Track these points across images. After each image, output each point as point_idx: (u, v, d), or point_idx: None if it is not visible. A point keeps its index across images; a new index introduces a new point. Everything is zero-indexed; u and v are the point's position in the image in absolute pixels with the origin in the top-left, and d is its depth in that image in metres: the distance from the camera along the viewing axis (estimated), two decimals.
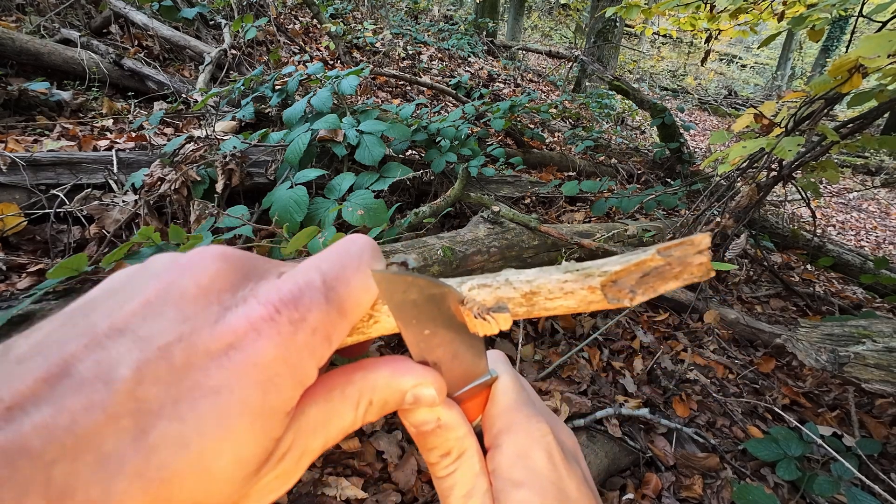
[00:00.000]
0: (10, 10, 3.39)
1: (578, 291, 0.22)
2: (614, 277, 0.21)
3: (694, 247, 0.21)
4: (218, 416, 0.18)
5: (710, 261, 0.21)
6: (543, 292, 0.23)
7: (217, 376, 0.18)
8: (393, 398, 0.25)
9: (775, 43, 14.18)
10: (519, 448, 0.28)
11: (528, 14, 13.76)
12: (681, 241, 0.21)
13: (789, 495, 1.38)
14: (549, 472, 0.27)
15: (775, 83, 15.20)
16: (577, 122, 5.41)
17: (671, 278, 0.21)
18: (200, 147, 1.94)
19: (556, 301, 0.23)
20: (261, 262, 0.24)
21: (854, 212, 6.62)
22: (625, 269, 0.21)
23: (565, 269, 0.23)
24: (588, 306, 0.22)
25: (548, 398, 1.58)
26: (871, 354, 1.22)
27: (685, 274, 0.21)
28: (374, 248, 0.25)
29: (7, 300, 0.81)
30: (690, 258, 0.21)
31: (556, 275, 0.22)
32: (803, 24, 2.02)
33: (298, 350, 0.20)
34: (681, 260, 0.21)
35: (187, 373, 0.18)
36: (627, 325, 2.05)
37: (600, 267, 0.22)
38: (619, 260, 0.22)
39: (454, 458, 0.28)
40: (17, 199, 1.69)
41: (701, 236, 0.21)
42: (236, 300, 0.20)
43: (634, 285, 0.21)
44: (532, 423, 0.29)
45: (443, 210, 1.83)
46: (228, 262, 0.22)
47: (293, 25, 4.96)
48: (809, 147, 1.97)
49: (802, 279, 2.88)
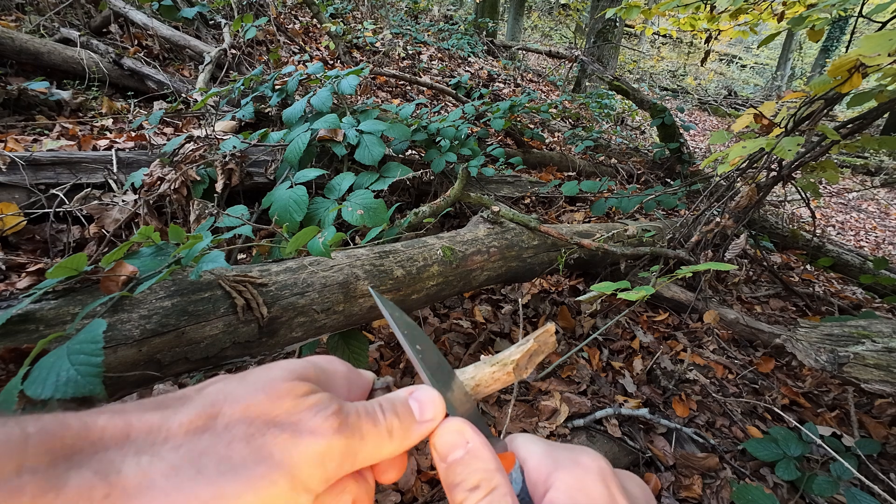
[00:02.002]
0: (10, 9, 3.38)
1: (501, 377, 0.35)
2: (517, 363, 0.35)
3: (549, 333, 0.37)
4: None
5: (556, 340, 0.38)
6: (483, 383, 0.35)
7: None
8: (398, 398, 0.31)
9: (775, 43, 14.20)
10: (573, 482, 0.27)
11: (528, 14, 13.76)
12: (543, 331, 0.37)
13: (788, 495, 1.38)
14: (608, 499, 0.27)
15: (775, 83, 15.20)
16: (577, 122, 5.41)
17: (540, 354, 0.37)
18: (200, 147, 1.94)
19: (492, 386, 0.35)
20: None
21: (853, 212, 6.62)
22: (522, 357, 0.36)
23: (490, 363, 0.36)
24: (506, 383, 0.35)
25: (548, 398, 1.58)
26: (871, 355, 1.22)
27: (547, 349, 0.37)
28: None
29: (6, 300, 0.81)
30: (549, 340, 0.37)
31: (487, 369, 0.35)
32: (803, 25, 2.02)
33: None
34: (545, 343, 0.37)
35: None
36: (627, 326, 2.06)
37: (508, 357, 0.36)
38: (515, 350, 0.36)
39: (484, 493, 0.27)
40: (17, 198, 1.69)
41: (550, 326, 0.38)
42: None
43: (526, 363, 0.36)
44: (579, 457, 0.29)
45: (442, 210, 1.83)
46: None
47: (293, 25, 4.96)
48: (809, 147, 1.97)
49: (802, 279, 2.88)
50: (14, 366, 0.71)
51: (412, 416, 0.30)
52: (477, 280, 1.56)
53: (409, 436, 0.29)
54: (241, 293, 0.96)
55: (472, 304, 2.04)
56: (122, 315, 0.83)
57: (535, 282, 2.23)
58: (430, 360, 0.35)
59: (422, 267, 1.35)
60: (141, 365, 0.84)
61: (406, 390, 0.32)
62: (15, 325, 0.75)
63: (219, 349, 0.94)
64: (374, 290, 0.40)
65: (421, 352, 0.35)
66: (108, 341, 0.79)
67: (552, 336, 0.38)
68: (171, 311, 0.88)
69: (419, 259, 1.36)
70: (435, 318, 1.92)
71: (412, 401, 0.31)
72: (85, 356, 0.67)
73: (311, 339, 1.13)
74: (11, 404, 0.63)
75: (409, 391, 0.31)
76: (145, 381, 0.87)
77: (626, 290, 1.22)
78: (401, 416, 0.30)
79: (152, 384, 0.92)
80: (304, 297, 1.07)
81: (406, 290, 1.30)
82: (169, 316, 0.87)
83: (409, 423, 0.30)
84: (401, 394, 0.31)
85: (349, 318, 1.17)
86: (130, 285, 0.86)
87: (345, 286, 1.14)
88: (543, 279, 2.27)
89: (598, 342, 1.94)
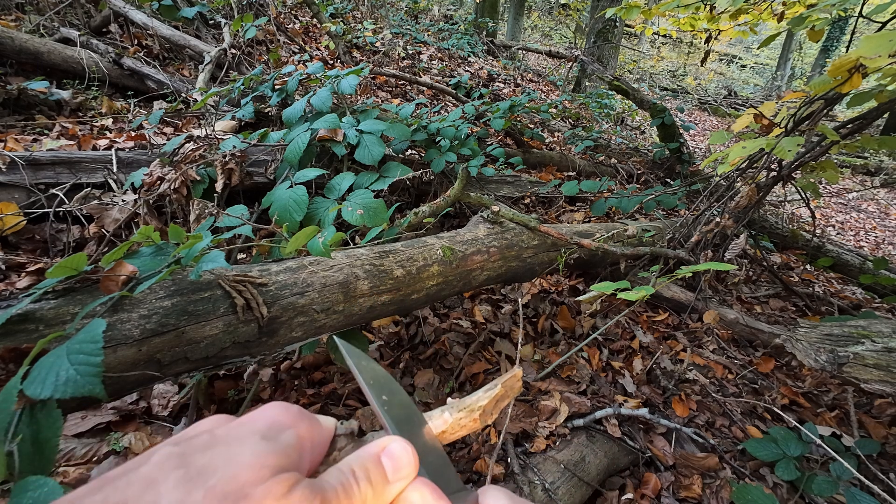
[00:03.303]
0: (10, 8, 3.38)
1: (468, 423, 0.35)
2: (484, 408, 0.36)
3: (516, 378, 0.38)
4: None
5: (521, 384, 0.39)
6: (449, 430, 0.35)
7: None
8: (370, 459, 0.29)
9: (775, 43, 14.19)
10: None
11: (528, 14, 13.75)
12: (510, 376, 0.38)
13: (788, 495, 1.38)
14: None
15: (775, 83, 15.20)
16: (577, 122, 5.41)
17: (507, 398, 0.37)
18: (200, 146, 1.94)
19: (458, 432, 0.36)
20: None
21: (853, 212, 6.62)
22: (489, 403, 0.36)
23: (457, 408, 0.36)
24: (472, 429, 0.36)
25: (547, 398, 1.58)
26: (871, 354, 1.22)
27: (513, 394, 0.38)
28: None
29: (6, 299, 0.81)
30: (515, 384, 0.38)
31: (456, 415, 0.35)
32: (803, 25, 2.02)
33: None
34: (511, 387, 0.38)
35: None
36: (627, 326, 2.06)
37: (475, 403, 0.36)
38: (482, 396, 0.36)
39: None
40: (17, 198, 1.69)
41: (518, 371, 0.38)
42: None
43: (493, 409, 0.36)
44: None
45: (442, 210, 1.83)
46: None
47: (293, 25, 4.95)
48: (809, 147, 1.97)
49: (802, 279, 2.88)
50: (14, 365, 0.71)
51: (385, 479, 0.29)
52: (477, 280, 1.56)
53: (382, 501, 0.28)
54: (241, 293, 0.96)
55: (472, 304, 2.04)
56: (122, 315, 0.83)
57: (535, 282, 2.23)
58: (396, 409, 0.34)
59: (422, 267, 1.35)
60: (141, 365, 0.84)
61: (377, 445, 0.30)
62: (15, 324, 0.75)
63: (219, 349, 0.94)
64: (340, 339, 0.39)
65: (387, 402, 0.34)
66: (108, 341, 0.79)
67: (518, 381, 0.38)
68: (171, 311, 0.88)
69: (419, 259, 1.36)
70: (435, 318, 1.92)
71: (385, 458, 0.29)
72: (84, 356, 0.67)
73: (311, 339, 1.13)
74: (11, 404, 0.63)
75: (380, 446, 0.30)
76: (145, 381, 0.87)
77: (626, 290, 1.22)
78: (374, 482, 0.28)
79: (152, 384, 0.92)
80: (304, 297, 1.07)
81: (406, 290, 1.30)
82: (169, 316, 0.87)
83: (383, 487, 0.28)
84: (372, 450, 0.30)
85: (349, 318, 1.17)
86: (130, 285, 0.86)
87: (344, 286, 1.14)
88: (543, 279, 2.27)
89: (597, 342, 1.94)
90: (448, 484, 0.31)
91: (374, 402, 0.33)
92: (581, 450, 1.39)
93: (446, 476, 0.32)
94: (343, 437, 0.32)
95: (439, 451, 0.34)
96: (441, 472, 0.32)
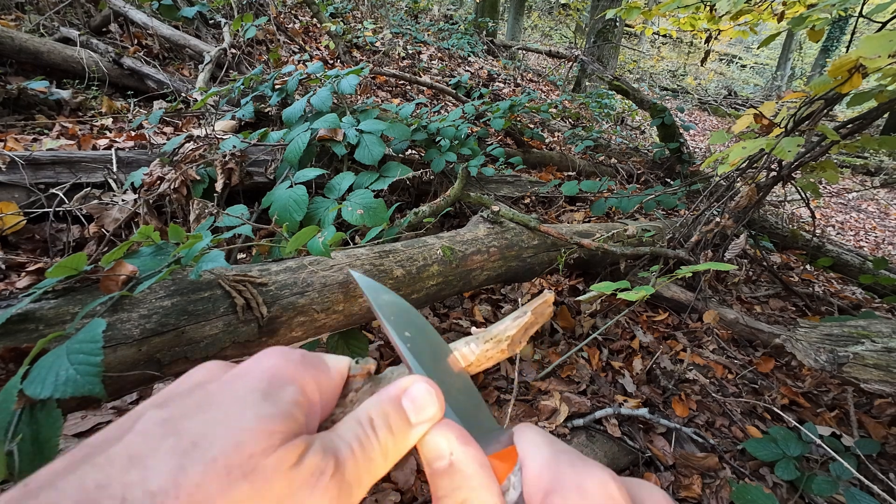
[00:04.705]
0: (10, 8, 3.38)
1: (495, 354, 0.33)
2: (512, 338, 0.33)
3: (547, 303, 0.35)
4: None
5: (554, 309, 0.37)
6: (476, 362, 0.33)
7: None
8: (390, 403, 0.26)
9: (775, 43, 14.19)
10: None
11: (528, 14, 13.75)
12: (541, 301, 0.35)
13: (788, 495, 1.38)
14: None
15: (775, 83, 15.20)
16: (577, 122, 5.41)
17: (536, 324, 0.34)
18: (200, 146, 1.94)
19: (484, 364, 0.34)
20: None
21: (853, 212, 6.62)
22: (518, 332, 0.33)
23: (483, 339, 0.33)
24: (500, 360, 0.34)
25: (547, 398, 1.58)
26: (870, 354, 1.22)
27: (543, 321, 0.35)
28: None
29: (6, 299, 0.81)
30: (545, 310, 0.35)
31: (482, 346, 0.33)
32: (803, 25, 2.02)
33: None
34: (542, 313, 0.35)
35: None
36: (627, 325, 2.06)
37: (503, 333, 0.33)
38: (510, 325, 0.33)
39: None
40: (17, 197, 1.69)
41: (549, 295, 0.35)
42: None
43: (522, 337, 0.34)
44: (585, 480, 0.24)
45: (442, 210, 1.83)
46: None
47: (293, 24, 4.95)
48: (809, 147, 1.97)
49: (802, 279, 2.88)
50: (14, 365, 0.71)
51: (407, 423, 0.26)
52: (477, 280, 1.56)
53: (404, 447, 0.26)
54: (241, 293, 0.96)
55: (472, 304, 2.04)
56: (122, 314, 0.83)
57: (535, 281, 2.23)
58: (420, 345, 0.31)
59: (421, 266, 1.35)
60: (141, 364, 0.84)
61: (398, 386, 0.27)
62: (15, 324, 0.75)
63: (219, 349, 0.94)
64: (356, 273, 0.36)
65: (410, 339, 0.31)
66: (108, 341, 0.79)
67: (549, 307, 0.35)
68: (171, 311, 0.88)
69: (419, 259, 1.36)
70: (435, 318, 1.92)
71: (406, 400, 0.27)
72: (84, 356, 0.67)
73: (311, 339, 1.13)
74: (11, 404, 0.63)
75: (401, 388, 0.27)
76: (145, 381, 0.87)
77: (626, 289, 1.22)
78: (395, 428, 0.26)
79: (152, 384, 0.92)
80: (304, 297, 1.07)
81: (406, 290, 1.30)
82: (169, 315, 0.87)
83: (405, 432, 0.26)
84: (392, 393, 0.27)
85: (349, 318, 1.17)
86: (130, 285, 0.86)
87: (344, 286, 1.14)
88: (543, 279, 2.27)
89: (597, 342, 1.94)
90: (478, 423, 0.28)
91: (397, 339, 0.31)
92: (581, 450, 1.39)
93: (477, 415, 0.29)
94: (359, 378, 0.30)
95: (469, 387, 0.31)
96: (471, 412, 0.29)
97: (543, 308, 0.34)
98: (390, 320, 0.32)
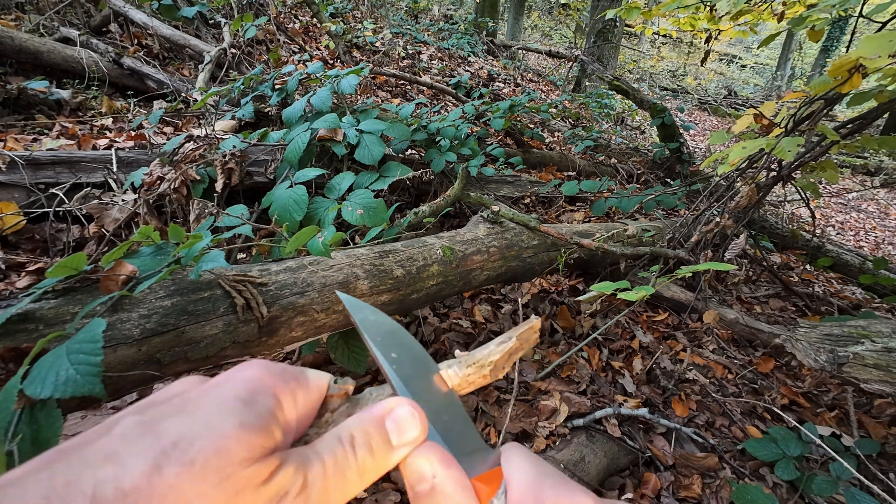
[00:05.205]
0: (10, 8, 3.38)
1: (477, 380, 0.32)
2: (495, 364, 0.32)
3: (533, 329, 0.34)
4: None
5: (538, 336, 0.35)
6: (457, 387, 0.32)
7: None
8: (372, 423, 0.26)
9: (775, 43, 14.19)
10: None
11: (528, 14, 13.75)
12: (527, 327, 0.34)
13: (788, 495, 1.38)
14: None
15: (775, 83, 15.20)
16: (577, 122, 5.41)
17: (521, 350, 0.33)
18: (200, 146, 1.94)
19: (466, 389, 0.33)
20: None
21: (853, 212, 6.62)
22: (502, 357, 0.32)
23: (465, 363, 0.32)
24: (481, 385, 0.33)
25: (547, 398, 1.58)
26: (870, 354, 1.22)
27: (528, 346, 0.34)
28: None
29: (6, 299, 0.81)
30: (531, 336, 0.34)
31: (464, 370, 0.32)
32: (803, 25, 2.02)
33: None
34: (527, 340, 0.34)
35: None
36: (627, 325, 2.06)
37: (486, 358, 0.32)
38: (494, 350, 0.32)
39: None
40: (17, 197, 1.69)
41: (536, 321, 0.34)
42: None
43: (505, 363, 0.33)
44: (567, 498, 0.24)
45: (442, 210, 1.83)
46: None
47: (293, 24, 4.95)
48: (809, 147, 1.97)
49: (802, 279, 2.88)
50: (14, 365, 0.71)
51: (389, 445, 0.26)
52: (477, 280, 1.56)
53: (383, 468, 0.26)
54: (241, 293, 0.96)
55: (472, 304, 2.04)
56: (122, 314, 0.83)
57: (535, 281, 2.23)
58: (406, 367, 0.31)
59: (421, 266, 1.35)
60: (141, 364, 0.84)
61: (382, 407, 0.27)
62: (15, 324, 0.75)
63: (219, 348, 0.94)
64: (342, 294, 0.36)
65: (396, 360, 0.31)
66: (108, 341, 0.79)
67: (535, 333, 0.34)
68: (171, 311, 0.88)
69: (419, 259, 1.36)
70: (435, 318, 1.92)
71: (389, 422, 0.26)
72: (84, 356, 0.67)
73: (311, 339, 1.13)
74: (11, 404, 0.63)
75: (385, 408, 0.27)
76: (145, 381, 0.87)
77: (626, 289, 1.22)
78: (375, 449, 0.25)
79: (152, 383, 0.92)
80: (304, 297, 1.07)
81: (406, 290, 1.30)
82: (169, 315, 0.87)
83: (385, 454, 0.26)
84: (376, 413, 0.27)
85: (349, 318, 1.17)
86: (130, 285, 0.86)
87: (344, 286, 1.14)
88: (543, 279, 2.27)
89: (597, 342, 1.94)
90: (464, 444, 0.28)
91: (382, 360, 0.30)
92: (581, 450, 1.39)
93: (463, 436, 0.29)
94: (336, 398, 0.30)
95: (456, 408, 0.30)
96: (456, 433, 0.29)
97: (529, 334, 0.34)
98: (377, 341, 0.32)
